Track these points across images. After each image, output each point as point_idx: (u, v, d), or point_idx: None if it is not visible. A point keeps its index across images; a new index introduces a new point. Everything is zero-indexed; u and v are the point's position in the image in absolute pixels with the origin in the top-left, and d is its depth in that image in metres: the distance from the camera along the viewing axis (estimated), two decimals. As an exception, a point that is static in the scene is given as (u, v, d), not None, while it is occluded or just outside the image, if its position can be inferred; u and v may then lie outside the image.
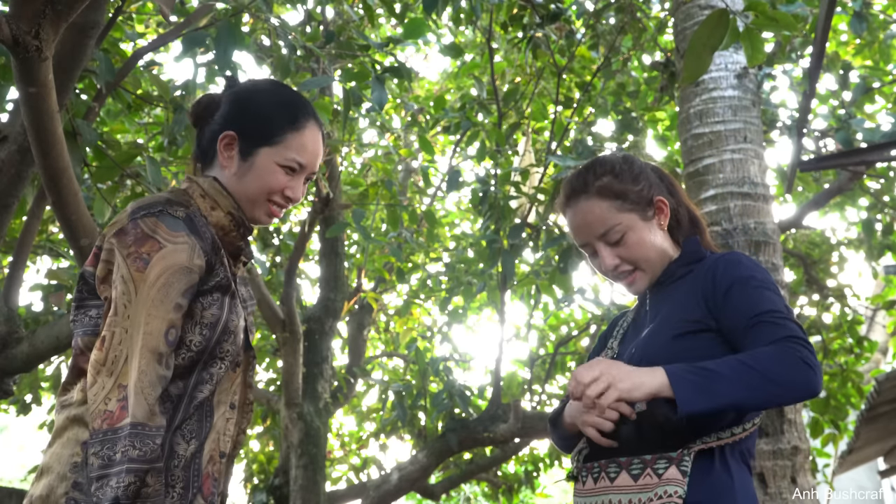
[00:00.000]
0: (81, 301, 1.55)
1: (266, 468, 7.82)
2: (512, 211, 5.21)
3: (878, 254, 7.07)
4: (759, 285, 1.63)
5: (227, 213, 1.62)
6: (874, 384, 5.56)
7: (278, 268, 7.04)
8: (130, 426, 1.37)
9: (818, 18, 3.68)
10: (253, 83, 1.73)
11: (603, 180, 1.78)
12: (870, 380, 6.56)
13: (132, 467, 1.35)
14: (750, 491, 1.61)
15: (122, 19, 4.39)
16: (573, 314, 8.29)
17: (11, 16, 2.06)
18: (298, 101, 1.67)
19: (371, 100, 3.74)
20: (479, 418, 6.02)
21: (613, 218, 1.75)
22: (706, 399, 1.48)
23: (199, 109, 1.69)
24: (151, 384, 1.41)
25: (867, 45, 6.80)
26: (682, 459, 1.53)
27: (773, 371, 1.48)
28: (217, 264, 1.55)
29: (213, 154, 1.65)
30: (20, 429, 22.42)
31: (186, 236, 1.49)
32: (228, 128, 1.63)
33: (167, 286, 1.45)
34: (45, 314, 4.95)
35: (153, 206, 1.51)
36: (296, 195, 1.66)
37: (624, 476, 1.57)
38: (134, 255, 1.45)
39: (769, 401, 1.52)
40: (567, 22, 5.45)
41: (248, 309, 1.68)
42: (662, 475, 1.53)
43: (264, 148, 1.62)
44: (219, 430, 1.54)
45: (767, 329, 1.56)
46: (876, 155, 4.60)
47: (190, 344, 1.50)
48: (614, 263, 1.77)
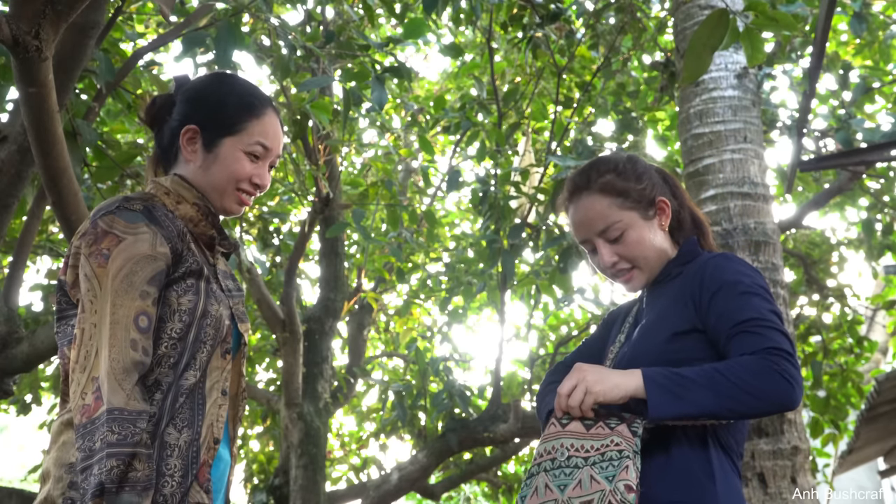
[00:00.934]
0: (61, 312, 1.59)
1: (266, 468, 7.82)
2: (512, 211, 5.20)
3: (878, 254, 7.06)
4: (746, 290, 1.63)
5: (193, 203, 1.64)
6: (874, 384, 5.57)
7: (278, 268, 7.04)
8: (107, 412, 1.39)
9: (818, 18, 3.68)
10: (206, 78, 1.76)
11: (605, 178, 1.79)
12: (870, 380, 6.56)
13: (112, 451, 1.37)
14: (735, 492, 1.61)
15: (122, 19, 4.39)
16: (573, 314, 8.29)
17: (11, 16, 2.06)
18: (254, 91, 1.71)
19: (371, 100, 3.74)
20: (479, 418, 6.02)
21: (614, 215, 1.76)
22: (677, 406, 1.51)
23: (154, 109, 1.72)
24: (125, 370, 1.43)
25: (867, 45, 6.80)
26: (633, 422, 1.56)
27: (749, 383, 1.50)
28: (185, 251, 1.57)
29: (175, 151, 1.68)
30: (20, 429, 22.41)
31: (146, 226, 1.52)
32: (189, 122, 1.66)
33: (130, 275, 1.47)
34: (45, 314, 4.95)
35: (110, 205, 1.55)
36: (263, 182, 1.70)
37: (576, 424, 1.60)
38: (95, 252, 1.49)
39: (743, 412, 1.53)
40: (567, 22, 5.45)
41: (234, 298, 1.69)
42: (614, 429, 1.56)
43: (227, 137, 1.66)
44: (212, 417, 1.55)
45: (749, 339, 1.56)
46: (876, 155, 4.60)
47: (171, 332, 1.52)
48: (612, 261, 1.78)
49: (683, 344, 1.66)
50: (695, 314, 1.66)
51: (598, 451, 1.55)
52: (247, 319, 1.72)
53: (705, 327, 1.65)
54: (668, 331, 1.68)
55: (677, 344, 1.66)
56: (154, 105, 1.71)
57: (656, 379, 1.54)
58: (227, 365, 1.60)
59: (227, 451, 1.66)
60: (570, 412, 1.60)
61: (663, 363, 1.62)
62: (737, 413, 1.53)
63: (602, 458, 1.53)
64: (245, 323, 1.70)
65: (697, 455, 1.60)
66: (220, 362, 1.59)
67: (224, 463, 1.64)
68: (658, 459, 1.60)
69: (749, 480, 3.77)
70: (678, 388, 1.51)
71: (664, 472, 1.59)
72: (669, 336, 1.67)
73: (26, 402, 6.14)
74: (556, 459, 1.59)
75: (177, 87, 1.73)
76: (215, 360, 1.58)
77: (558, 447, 1.60)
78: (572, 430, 1.60)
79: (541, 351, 7.96)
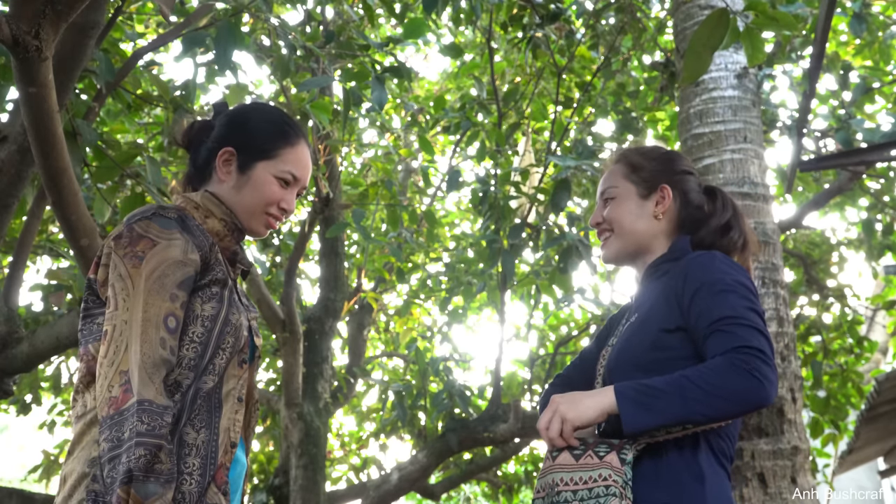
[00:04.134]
0: (87, 310, 1.63)
1: (266, 468, 7.82)
2: (512, 211, 5.20)
3: (878, 254, 7.06)
4: (725, 288, 1.64)
5: (221, 219, 1.72)
6: (874, 384, 5.57)
7: (278, 268, 7.04)
8: (137, 403, 1.43)
9: (818, 18, 3.68)
10: (246, 105, 1.88)
11: (634, 155, 1.92)
12: (870, 380, 6.56)
13: (141, 440, 1.41)
14: (724, 494, 1.62)
15: (122, 19, 4.39)
16: (573, 314, 8.29)
17: (11, 16, 2.06)
18: (290, 121, 1.82)
19: (371, 100, 3.74)
20: (479, 418, 6.02)
21: (615, 180, 1.89)
22: (649, 417, 1.53)
23: (192, 133, 1.81)
24: (155, 365, 1.48)
25: (867, 46, 6.80)
26: (623, 448, 1.57)
27: (717, 385, 1.51)
28: (213, 261, 1.64)
29: (209, 171, 1.77)
30: (20, 429, 22.42)
31: (179, 233, 1.60)
32: (227, 144, 1.75)
33: (162, 277, 1.54)
34: (45, 314, 4.94)
35: (145, 211, 1.62)
36: (290, 207, 1.79)
37: (566, 455, 1.61)
38: (129, 254, 1.55)
39: (716, 416, 1.55)
40: (567, 22, 5.45)
41: (251, 313, 1.76)
42: (603, 458, 1.57)
43: (261, 162, 1.74)
44: (229, 422, 1.60)
45: (721, 338, 1.58)
46: (876, 155, 4.60)
47: (193, 335, 1.57)
48: (597, 220, 1.90)
49: (670, 342, 1.67)
50: (679, 313, 1.68)
51: (587, 485, 1.56)
52: (260, 334, 1.79)
53: (688, 326, 1.66)
54: (654, 329, 1.69)
55: (663, 342, 1.67)
56: (192, 129, 1.82)
57: (627, 394, 1.56)
58: (243, 374, 1.66)
59: (243, 454, 1.71)
60: (555, 444, 1.62)
61: (649, 361, 1.65)
62: (711, 417, 1.54)
63: (589, 493, 1.55)
64: (259, 337, 1.77)
65: (687, 457, 1.61)
66: (237, 370, 1.64)
67: (241, 465, 1.69)
68: (648, 461, 1.61)
69: (749, 480, 3.77)
70: (649, 399, 1.54)
71: (654, 473, 1.60)
72: (655, 334, 1.69)
73: (26, 402, 6.14)
74: (549, 496, 1.61)
75: (216, 112, 1.84)
76: (232, 368, 1.63)
77: (550, 483, 1.62)
78: (562, 462, 1.61)
79: (541, 351, 7.96)
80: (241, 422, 1.63)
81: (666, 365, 1.63)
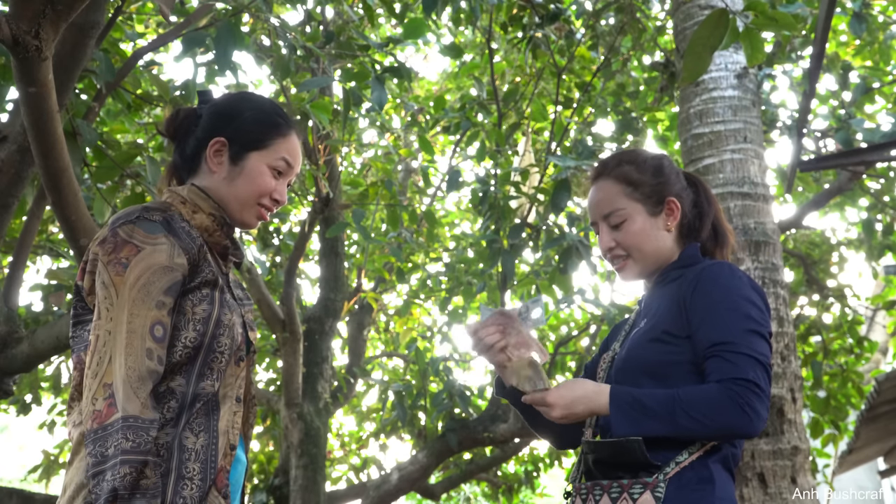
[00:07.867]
0: (77, 317, 1.61)
1: (266, 468, 7.82)
2: (512, 211, 5.20)
3: (878, 254, 7.06)
4: (731, 307, 1.65)
5: (209, 213, 1.68)
6: (874, 384, 5.57)
7: (278, 268, 7.03)
8: (122, 419, 1.41)
9: (818, 18, 3.68)
10: (234, 95, 1.82)
11: (624, 167, 1.85)
12: (870, 380, 6.56)
13: (126, 458, 1.39)
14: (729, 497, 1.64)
15: (122, 19, 4.39)
16: (573, 314, 8.29)
17: (11, 16, 2.06)
18: (280, 111, 1.78)
19: (371, 100, 3.74)
20: (479, 418, 6.02)
21: (619, 202, 1.83)
22: (637, 431, 1.59)
23: (178, 121, 1.75)
24: (141, 378, 1.45)
25: (867, 46, 6.80)
26: (657, 486, 1.59)
27: (707, 415, 1.56)
28: (202, 262, 1.60)
29: (198, 162, 1.72)
30: (20, 429, 22.41)
31: (165, 237, 1.55)
32: (217, 135, 1.70)
33: (147, 285, 1.50)
34: (45, 314, 4.94)
35: (130, 214, 1.58)
36: (282, 198, 1.76)
37: (605, 500, 1.63)
38: (113, 261, 1.51)
39: (700, 440, 1.62)
40: (567, 22, 5.44)
41: (245, 307, 1.73)
42: (637, 500, 1.59)
43: (254, 152, 1.70)
44: (227, 423, 1.58)
45: (719, 365, 1.61)
46: (876, 155, 4.60)
47: (185, 340, 1.54)
48: (609, 246, 1.84)
49: (677, 348, 1.68)
50: (685, 321, 1.69)
51: None
52: (255, 327, 1.76)
53: (692, 337, 1.68)
54: (662, 335, 1.71)
55: (671, 348, 1.68)
56: (177, 117, 1.76)
57: (621, 405, 1.62)
58: (240, 372, 1.64)
59: (243, 453, 1.70)
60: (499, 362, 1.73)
61: (656, 366, 1.67)
62: (695, 439, 1.62)
63: None
64: (255, 331, 1.74)
65: (696, 462, 1.63)
66: (233, 370, 1.62)
67: (241, 464, 1.68)
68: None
69: (749, 480, 3.77)
70: (639, 415, 1.59)
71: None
72: (664, 340, 1.70)
73: (26, 402, 6.14)
74: None
75: (201, 101, 1.78)
76: (230, 368, 1.62)
77: None
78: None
79: (541, 351, 7.94)
80: (239, 423, 1.62)
81: (673, 370, 1.66)
